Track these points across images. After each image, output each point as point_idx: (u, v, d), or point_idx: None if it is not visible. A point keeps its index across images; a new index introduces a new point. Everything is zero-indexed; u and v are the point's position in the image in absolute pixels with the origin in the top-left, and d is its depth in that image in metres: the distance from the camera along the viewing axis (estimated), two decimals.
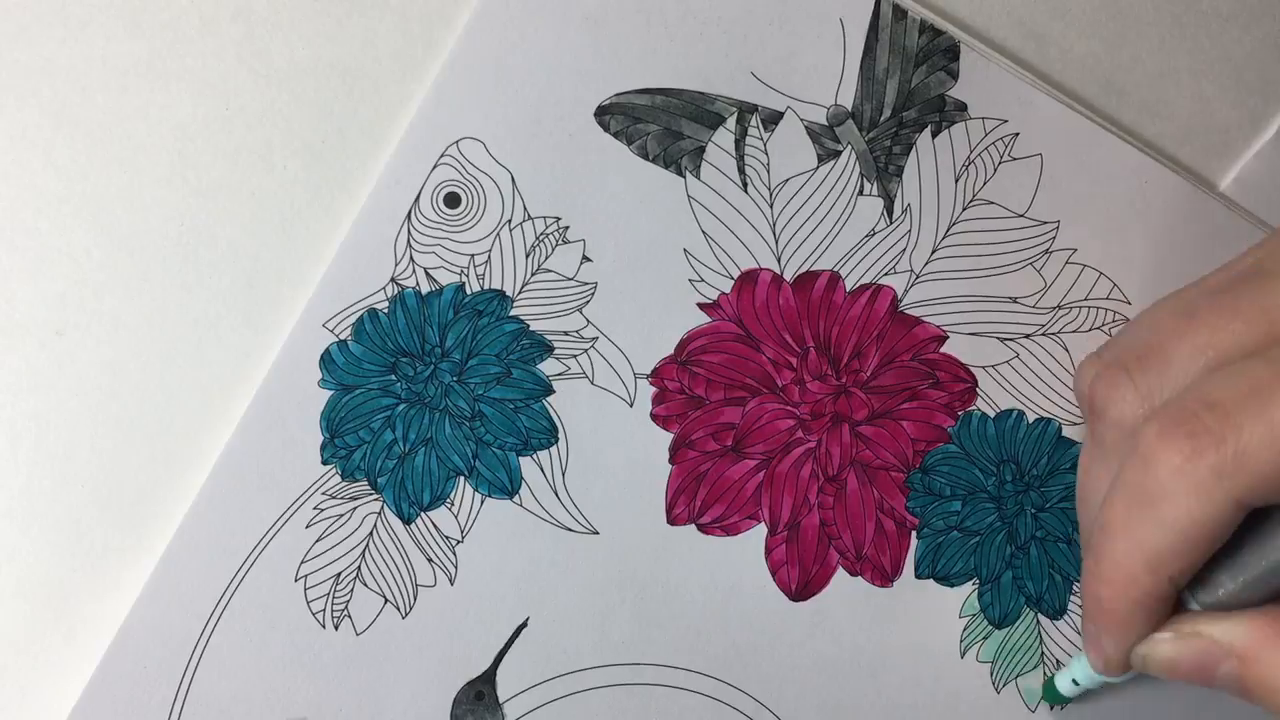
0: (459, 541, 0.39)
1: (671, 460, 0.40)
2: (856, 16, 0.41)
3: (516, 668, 0.39)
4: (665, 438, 0.40)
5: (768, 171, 0.41)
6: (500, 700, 0.39)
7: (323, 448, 0.39)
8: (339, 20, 0.39)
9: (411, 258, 0.39)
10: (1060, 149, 0.41)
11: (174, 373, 0.39)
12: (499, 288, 0.40)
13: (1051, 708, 0.40)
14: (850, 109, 0.41)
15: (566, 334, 0.40)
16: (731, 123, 0.40)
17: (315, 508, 0.39)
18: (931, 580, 0.41)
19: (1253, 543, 0.30)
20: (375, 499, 0.39)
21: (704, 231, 0.40)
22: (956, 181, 0.41)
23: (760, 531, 0.40)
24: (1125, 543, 0.30)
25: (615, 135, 0.40)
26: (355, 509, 0.39)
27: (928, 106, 0.41)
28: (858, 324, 0.41)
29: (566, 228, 0.40)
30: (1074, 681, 0.38)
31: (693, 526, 0.40)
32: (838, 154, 0.41)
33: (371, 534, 0.39)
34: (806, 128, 0.41)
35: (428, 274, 0.40)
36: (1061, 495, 0.41)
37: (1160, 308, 0.32)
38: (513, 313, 0.40)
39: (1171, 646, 0.31)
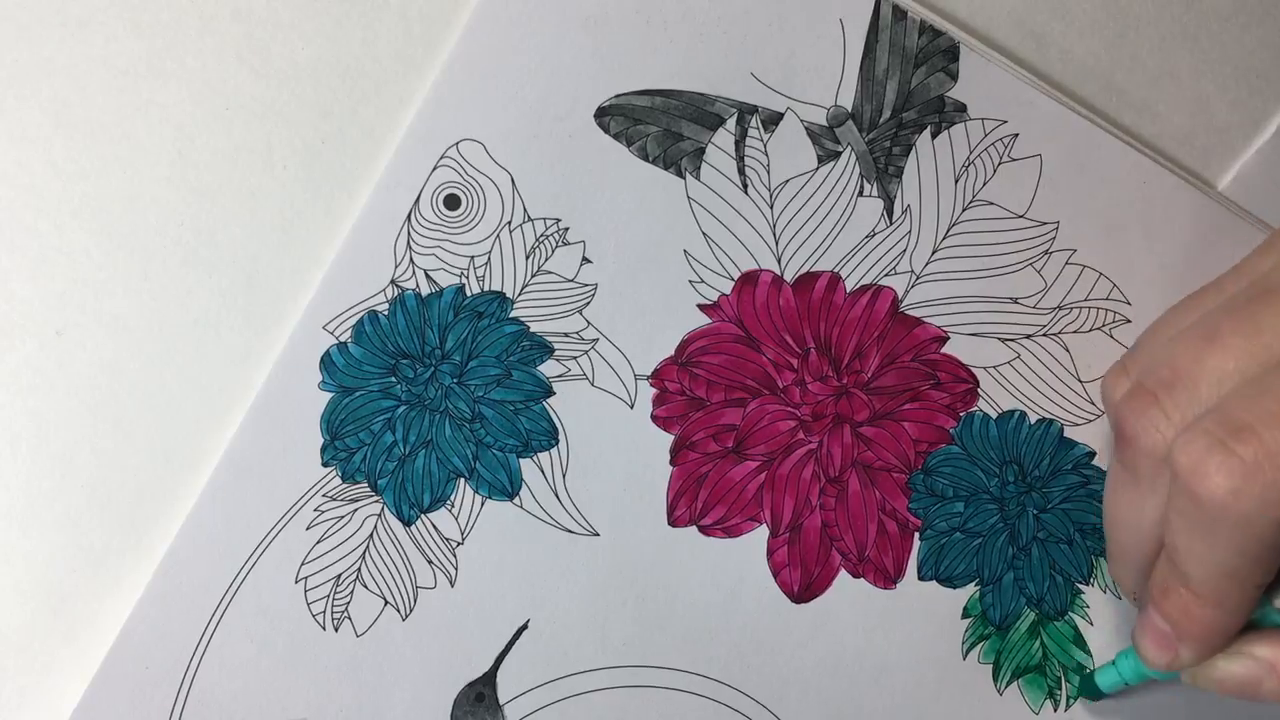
0: (459, 543, 0.39)
1: (672, 462, 0.40)
2: (856, 17, 0.41)
3: (517, 669, 0.39)
4: (666, 439, 0.40)
5: (768, 172, 0.41)
6: (500, 702, 0.39)
7: (323, 450, 0.39)
8: (339, 20, 0.39)
9: (411, 259, 0.39)
10: (1060, 149, 0.41)
11: (174, 373, 0.39)
12: (499, 289, 0.40)
13: (1067, 704, 0.40)
14: (850, 110, 0.41)
15: (567, 335, 0.40)
16: (731, 124, 0.40)
17: (316, 509, 0.39)
18: (934, 582, 0.41)
19: None
20: (375, 501, 0.39)
21: (704, 233, 0.40)
22: (956, 182, 0.41)
23: (762, 533, 0.40)
24: (1201, 568, 0.31)
25: (615, 136, 0.40)
26: (355, 511, 0.39)
27: (927, 107, 0.41)
28: (858, 325, 0.41)
29: (566, 229, 0.40)
30: (1119, 677, 0.39)
31: (694, 528, 0.40)
32: (838, 155, 0.41)
33: (372, 536, 0.39)
34: (806, 129, 0.41)
35: (428, 276, 0.40)
36: (1063, 496, 0.41)
37: (1181, 326, 0.33)
38: (513, 314, 0.40)
39: (1220, 667, 0.33)
